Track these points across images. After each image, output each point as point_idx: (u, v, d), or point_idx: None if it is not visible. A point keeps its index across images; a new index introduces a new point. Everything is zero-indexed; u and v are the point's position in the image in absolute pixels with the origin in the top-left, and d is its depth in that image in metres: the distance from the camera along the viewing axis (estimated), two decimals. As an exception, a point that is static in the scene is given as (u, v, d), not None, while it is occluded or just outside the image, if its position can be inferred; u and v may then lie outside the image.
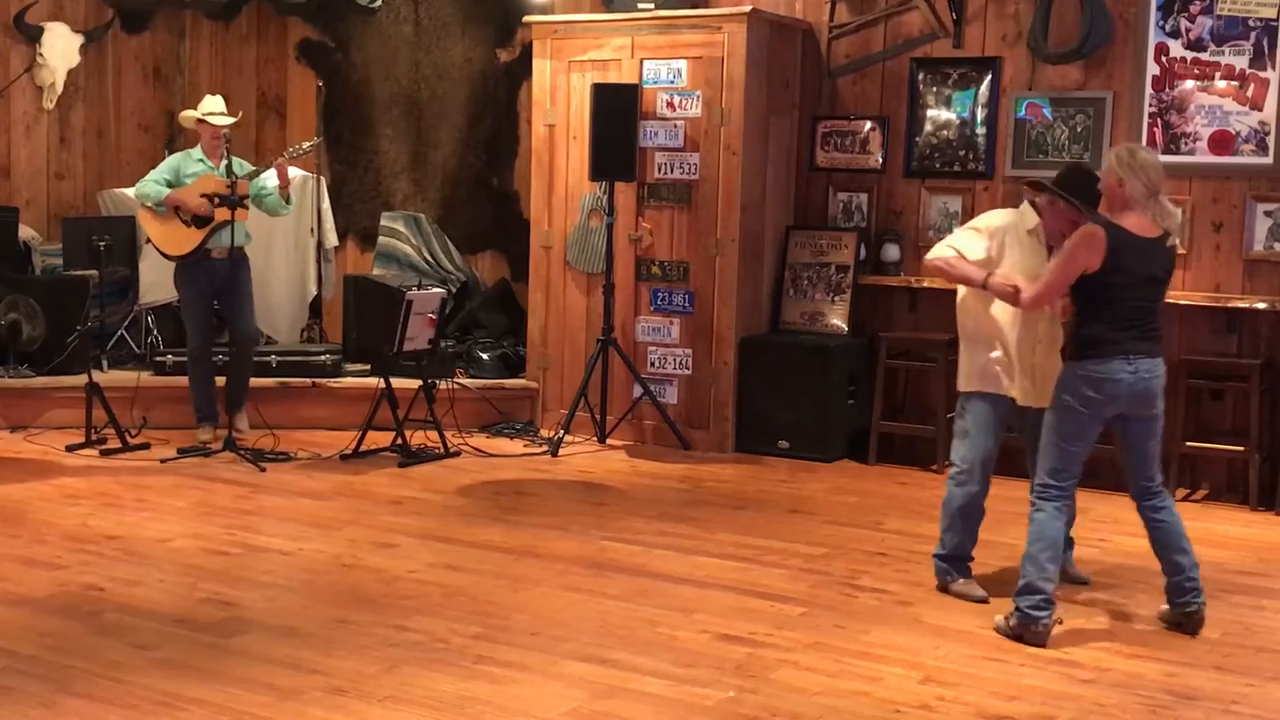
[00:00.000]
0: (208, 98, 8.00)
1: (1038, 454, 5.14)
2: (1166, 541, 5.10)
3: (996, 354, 5.37)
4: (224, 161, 7.64)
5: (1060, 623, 5.01)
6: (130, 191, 8.49)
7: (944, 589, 5.51)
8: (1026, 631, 4.92)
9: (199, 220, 7.67)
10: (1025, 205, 5.44)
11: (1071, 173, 5.39)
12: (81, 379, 7.88)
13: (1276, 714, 4.39)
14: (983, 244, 5.34)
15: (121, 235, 8.88)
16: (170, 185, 7.74)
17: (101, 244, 8.50)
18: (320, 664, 4.58)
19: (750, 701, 4.35)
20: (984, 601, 5.35)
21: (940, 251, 5.42)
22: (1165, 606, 5.18)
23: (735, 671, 4.60)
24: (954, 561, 5.52)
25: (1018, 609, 4.95)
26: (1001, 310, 5.33)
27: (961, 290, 5.49)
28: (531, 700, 4.31)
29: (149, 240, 8.01)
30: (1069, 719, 4.29)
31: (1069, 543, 5.62)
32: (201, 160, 7.82)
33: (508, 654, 4.72)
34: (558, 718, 4.19)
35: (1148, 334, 4.97)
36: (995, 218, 5.48)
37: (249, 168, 7.89)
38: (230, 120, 7.85)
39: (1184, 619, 5.10)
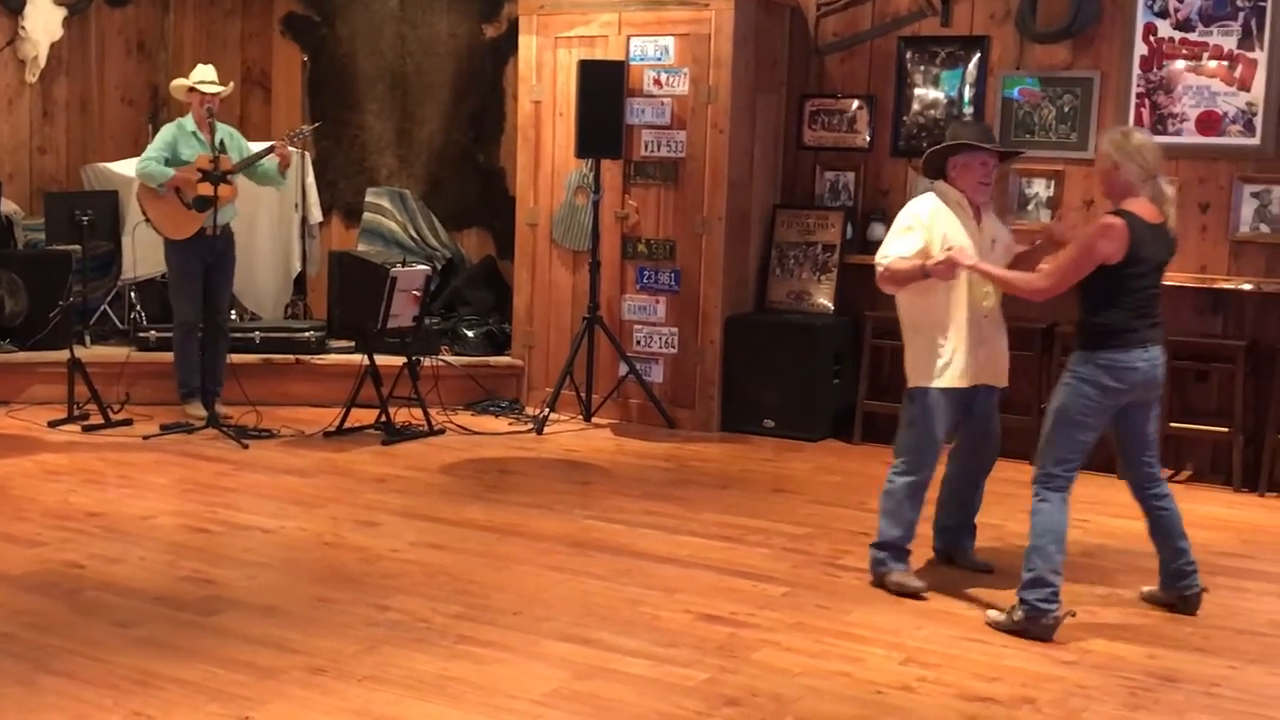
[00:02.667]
0: (199, 66, 7.90)
1: (971, 441, 5.22)
2: (1170, 529, 5.11)
3: (944, 343, 5.24)
4: (216, 136, 7.60)
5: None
6: (129, 170, 8.42)
7: (880, 582, 5.33)
8: (1034, 625, 4.80)
9: (199, 203, 7.60)
10: (940, 182, 5.34)
11: (946, 133, 5.52)
12: (64, 354, 7.83)
13: (1258, 696, 4.40)
14: (917, 236, 5.21)
15: (105, 210, 8.83)
16: (169, 162, 7.68)
17: (84, 219, 8.45)
18: (300, 643, 4.56)
19: (731, 682, 4.35)
20: (921, 596, 5.20)
21: (877, 260, 5.28)
22: (1156, 588, 5.19)
23: (717, 651, 4.59)
24: (893, 550, 5.34)
25: (1024, 602, 4.83)
26: (944, 294, 5.22)
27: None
28: (513, 680, 4.30)
29: (146, 219, 7.88)
30: (1050, 701, 4.29)
31: (971, 531, 5.60)
32: (194, 133, 7.75)
33: (489, 634, 4.70)
34: (539, 698, 4.18)
35: (1158, 321, 4.97)
36: (917, 206, 5.31)
37: (241, 140, 7.82)
38: (221, 89, 7.76)
39: (1182, 600, 5.12)
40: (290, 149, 7.80)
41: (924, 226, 5.23)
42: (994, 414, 5.50)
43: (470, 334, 8.88)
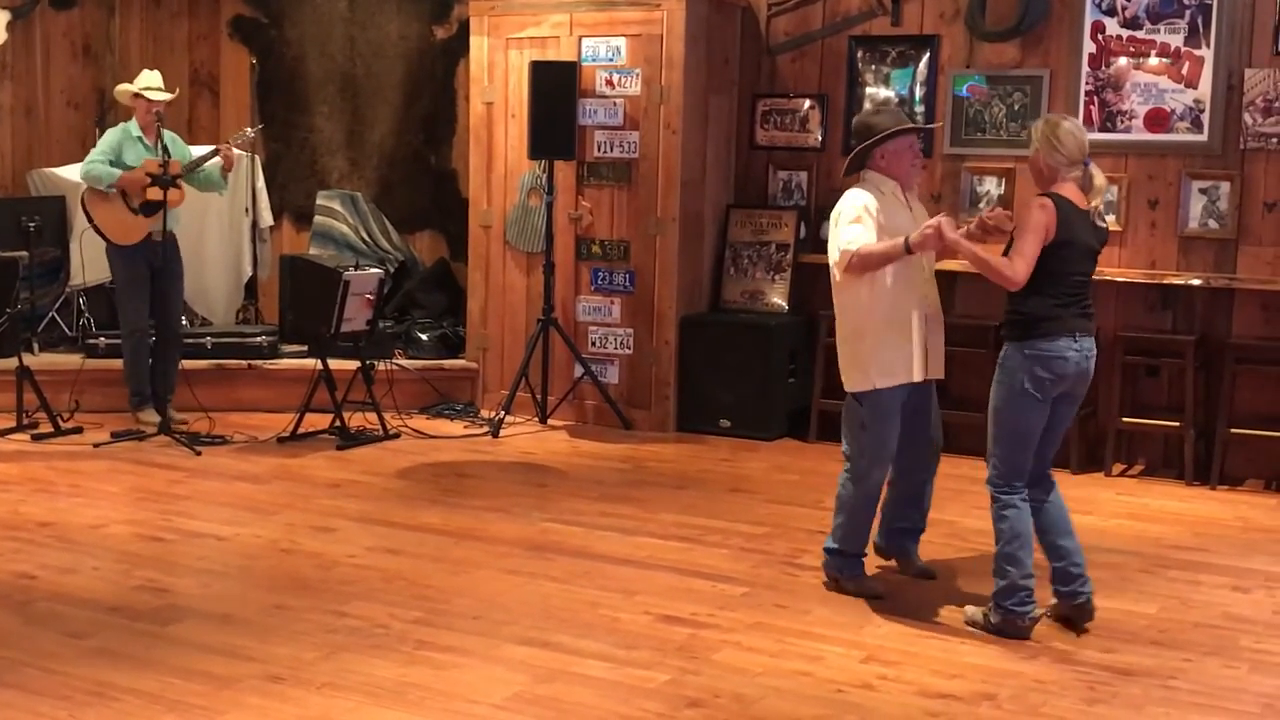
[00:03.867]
0: (145, 72, 7.87)
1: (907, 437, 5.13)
2: (1055, 522, 4.92)
3: (896, 339, 5.12)
4: (160, 142, 7.57)
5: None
6: (76, 174, 8.33)
7: (836, 586, 5.30)
8: (1010, 627, 4.79)
9: (146, 208, 7.54)
10: (869, 173, 5.23)
11: (855, 126, 5.40)
12: (12, 363, 7.73)
13: (1213, 688, 4.43)
14: (869, 225, 5.05)
15: (52, 215, 8.73)
16: (113, 165, 7.61)
17: (31, 225, 8.36)
18: (257, 651, 4.52)
19: (693, 683, 4.34)
20: (879, 598, 5.17)
21: (843, 248, 5.05)
22: (1052, 601, 4.96)
23: (677, 653, 4.59)
24: (848, 557, 5.31)
25: (1000, 606, 4.80)
26: (892, 292, 5.07)
27: (843, 288, 5.18)
28: (472, 685, 4.28)
29: (94, 225, 7.77)
30: (1010, 696, 4.31)
31: (916, 535, 5.50)
32: (139, 139, 7.70)
33: (448, 639, 4.68)
34: (499, 702, 4.16)
35: (1087, 310, 4.87)
36: (858, 198, 5.13)
37: (183, 146, 7.81)
38: (168, 96, 7.75)
39: (1075, 610, 4.89)
40: (235, 151, 7.77)
41: (871, 216, 5.07)
42: (935, 409, 5.38)
43: (424, 337, 8.84)
